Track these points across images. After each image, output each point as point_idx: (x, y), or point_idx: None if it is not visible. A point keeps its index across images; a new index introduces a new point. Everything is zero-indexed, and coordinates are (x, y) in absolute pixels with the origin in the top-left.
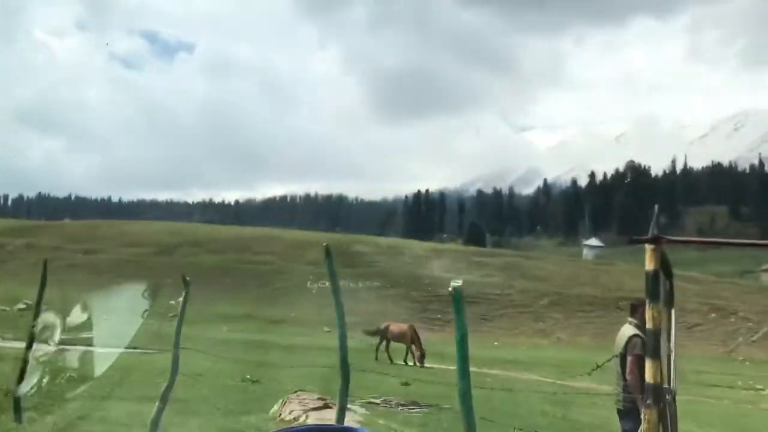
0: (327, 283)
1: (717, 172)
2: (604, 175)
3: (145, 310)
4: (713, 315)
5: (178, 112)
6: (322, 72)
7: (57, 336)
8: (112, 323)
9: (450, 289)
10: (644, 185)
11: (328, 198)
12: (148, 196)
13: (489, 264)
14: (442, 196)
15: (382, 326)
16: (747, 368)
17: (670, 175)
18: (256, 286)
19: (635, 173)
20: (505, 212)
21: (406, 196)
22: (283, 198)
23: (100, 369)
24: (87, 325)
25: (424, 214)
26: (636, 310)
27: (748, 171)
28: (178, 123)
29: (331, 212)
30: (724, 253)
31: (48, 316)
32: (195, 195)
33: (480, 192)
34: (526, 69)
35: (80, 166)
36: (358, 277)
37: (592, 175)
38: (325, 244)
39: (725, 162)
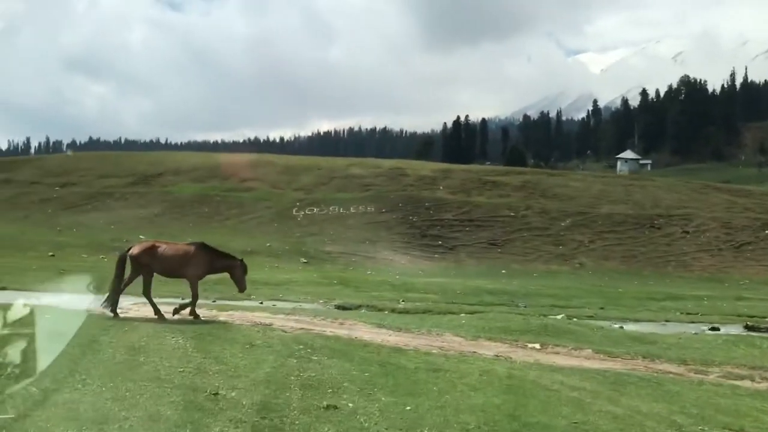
0: (315, 210)
1: None
2: (657, 92)
3: None
4: (766, 232)
5: (222, 52)
6: (363, 0)
7: None
8: None
9: None
10: (700, 101)
11: (373, 131)
12: (199, 137)
13: (504, 183)
14: (484, 122)
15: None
16: None
17: (729, 91)
18: (235, 214)
19: (690, 89)
20: (552, 137)
21: (445, 124)
22: (328, 133)
23: None
24: None
25: (464, 142)
26: None
27: None
28: (223, 63)
29: (375, 144)
30: None
31: None
32: (245, 134)
33: (526, 118)
34: None
35: (130, 110)
36: (351, 201)
37: (644, 93)
38: None
39: None
